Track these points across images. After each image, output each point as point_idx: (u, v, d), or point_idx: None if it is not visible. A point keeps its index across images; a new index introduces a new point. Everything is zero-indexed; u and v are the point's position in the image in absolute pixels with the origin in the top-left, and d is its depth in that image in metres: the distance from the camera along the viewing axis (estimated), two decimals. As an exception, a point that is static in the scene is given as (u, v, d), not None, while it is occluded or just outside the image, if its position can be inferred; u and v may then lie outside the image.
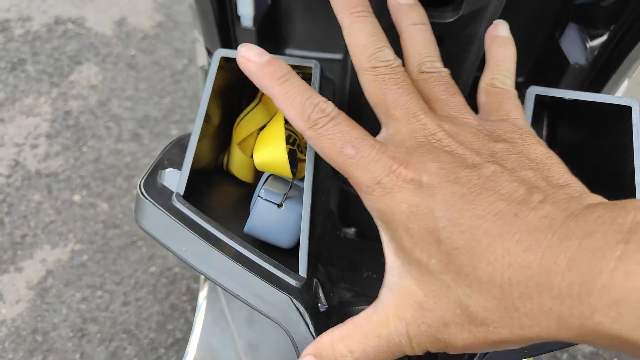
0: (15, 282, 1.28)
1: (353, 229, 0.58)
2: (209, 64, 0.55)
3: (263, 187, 0.38)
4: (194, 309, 1.26)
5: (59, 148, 1.56)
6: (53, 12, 1.98)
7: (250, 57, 0.27)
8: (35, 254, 1.33)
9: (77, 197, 1.45)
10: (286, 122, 0.42)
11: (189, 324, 1.24)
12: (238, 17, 0.47)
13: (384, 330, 0.24)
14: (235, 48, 0.51)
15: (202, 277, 0.70)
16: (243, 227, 0.37)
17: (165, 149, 0.43)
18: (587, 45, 0.44)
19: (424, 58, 0.31)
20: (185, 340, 1.21)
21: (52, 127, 1.61)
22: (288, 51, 0.58)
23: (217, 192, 0.44)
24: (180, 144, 0.46)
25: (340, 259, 0.44)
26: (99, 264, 1.32)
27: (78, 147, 1.57)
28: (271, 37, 0.55)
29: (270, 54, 0.29)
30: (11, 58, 1.80)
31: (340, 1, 0.29)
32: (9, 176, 1.48)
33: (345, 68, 0.54)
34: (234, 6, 0.46)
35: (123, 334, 1.22)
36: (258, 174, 0.51)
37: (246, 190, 0.48)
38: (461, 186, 0.22)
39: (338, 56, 0.56)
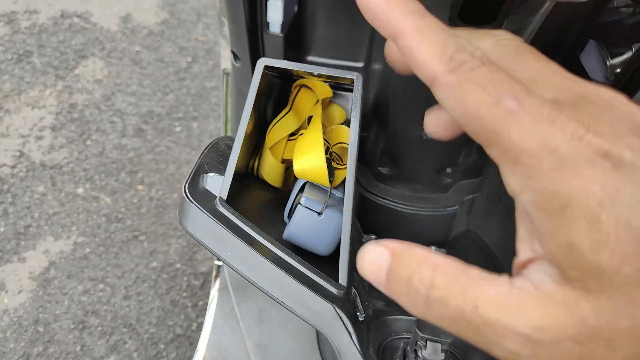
0: (17, 272, 1.30)
1: (373, 236, 0.60)
2: (233, 66, 0.57)
3: (303, 195, 0.40)
4: (194, 306, 1.28)
5: (63, 140, 1.58)
6: (59, 6, 1.99)
7: None
8: (38, 245, 1.34)
9: (80, 190, 1.47)
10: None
11: (189, 320, 1.26)
12: (267, 24, 0.49)
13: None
14: (263, 53, 0.53)
15: (213, 275, 0.72)
16: (277, 232, 0.39)
17: (203, 152, 0.45)
18: (608, 63, 0.43)
19: None
20: (185, 336, 1.24)
21: (57, 120, 1.63)
22: (310, 58, 0.60)
23: (250, 196, 0.46)
24: (217, 148, 0.48)
25: None
26: (101, 257, 1.34)
27: (82, 140, 1.58)
28: (295, 43, 0.57)
29: None
30: (17, 50, 1.82)
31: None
32: (13, 167, 1.50)
33: (367, 76, 0.56)
34: (264, 13, 0.47)
35: (124, 328, 1.24)
36: (286, 179, 0.53)
37: (276, 195, 0.50)
38: None
39: (359, 64, 0.57)
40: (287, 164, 0.51)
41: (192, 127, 1.65)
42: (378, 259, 0.20)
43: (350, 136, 0.40)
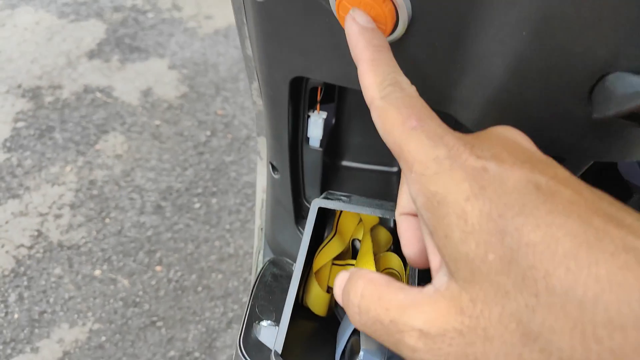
0: (30, 362, 1.25)
1: None
2: (271, 177, 0.57)
3: (362, 349, 0.38)
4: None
5: (82, 219, 1.56)
6: (83, 81, 2.04)
7: (358, 20, 0.26)
8: (53, 333, 1.30)
9: (97, 272, 1.44)
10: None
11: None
12: (307, 139, 0.49)
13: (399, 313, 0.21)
14: (302, 165, 0.53)
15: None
16: None
17: (252, 291, 0.44)
18: None
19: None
20: None
21: (77, 197, 1.62)
22: (345, 163, 0.60)
23: (300, 332, 0.44)
24: (264, 282, 0.47)
25: None
26: (117, 346, 1.29)
27: (101, 218, 1.57)
28: (331, 150, 0.57)
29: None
30: (40, 125, 1.84)
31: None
32: (30, 247, 1.48)
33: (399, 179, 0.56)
34: (305, 129, 0.48)
35: None
36: (331, 308, 0.51)
37: (321, 325, 0.49)
38: (538, 176, 0.19)
39: (394, 169, 0.58)
40: (332, 293, 0.50)
41: (211, 203, 1.64)
42: (341, 281, 0.25)
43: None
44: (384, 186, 0.58)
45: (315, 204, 0.42)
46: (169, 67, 2.15)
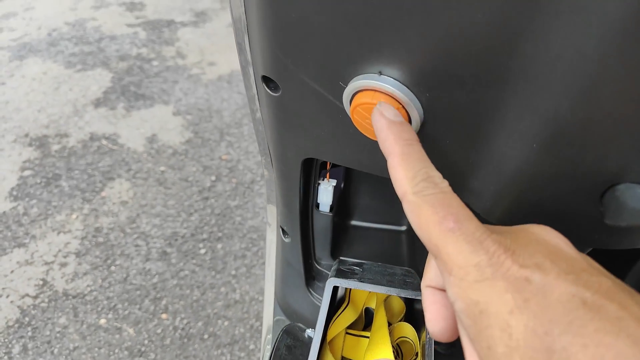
0: (34, 417, 1.22)
1: None
2: (281, 240, 0.57)
3: None
4: None
5: (87, 267, 1.56)
6: (89, 129, 2.08)
7: (385, 114, 0.25)
8: (58, 386, 1.28)
9: (103, 321, 1.42)
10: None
11: None
12: (317, 204, 0.50)
13: None
14: (313, 229, 0.54)
15: None
16: None
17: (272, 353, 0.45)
18: None
19: None
20: None
21: (82, 245, 1.62)
22: (354, 222, 0.61)
23: None
24: (279, 355, 0.47)
25: None
26: (123, 398, 1.26)
27: (107, 266, 1.57)
28: (341, 211, 0.58)
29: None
30: (46, 173, 1.86)
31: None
32: (35, 297, 1.47)
33: (413, 238, 0.57)
34: (315, 196, 0.49)
35: None
36: None
37: None
38: (582, 290, 0.19)
39: (402, 227, 0.59)
40: None
41: (217, 249, 1.64)
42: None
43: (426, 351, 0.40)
44: (393, 245, 0.59)
45: (330, 283, 0.43)
46: (173, 114, 2.20)
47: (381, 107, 0.26)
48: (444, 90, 0.24)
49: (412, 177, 0.23)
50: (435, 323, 0.26)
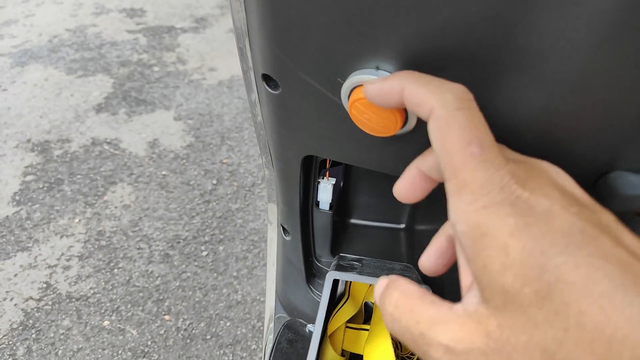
0: (39, 418, 1.23)
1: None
2: (282, 238, 0.59)
3: None
4: None
5: (90, 270, 1.58)
6: (90, 134, 2.10)
7: (375, 82, 0.25)
8: (62, 387, 1.29)
9: (106, 323, 1.44)
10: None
11: None
12: (317, 202, 0.51)
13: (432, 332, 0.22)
14: (313, 227, 0.55)
15: None
16: None
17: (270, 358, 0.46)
18: None
19: None
20: None
21: (85, 248, 1.64)
22: (353, 221, 0.62)
23: None
24: (280, 350, 0.48)
25: None
26: (127, 399, 1.28)
27: (109, 268, 1.58)
28: (340, 209, 0.59)
29: None
30: (49, 178, 1.88)
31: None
32: (39, 300, 1.49)
33: (413, 235, 0.58)
34: (315, 194, 0.50)
35: None
36: None
37: None
38: (582, 221, 0.20)
39: (401, 225, 0.60)
40: (347, 356, 0.51)
41: (219, 251, 1.66)
42: (379, 287, 0.27)
43: None
44: (391, 242, 0.59)
45: (330, 276, 0.44)
46: (174, 119, 2.22)
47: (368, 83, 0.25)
48: None
49: (435, 91, 0.22)
50: (428, 258, 0.29)
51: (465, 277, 0.24)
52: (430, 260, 0.28)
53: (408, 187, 0.28)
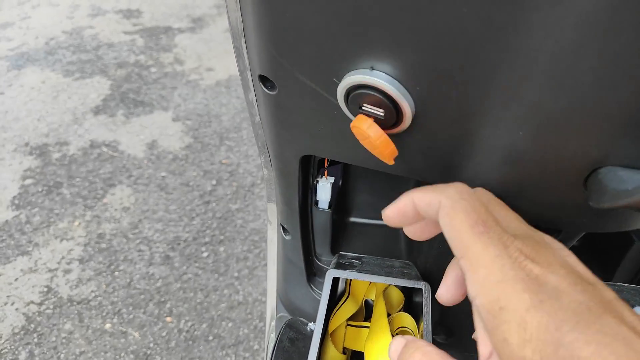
0: (42, 422, 1.23)
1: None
2: (282, 238, 0.59)
3: None
4: None
5: (91, 273, 1.57)
6: (89, 136, 2.09)
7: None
8: (65, 391, 1.29)
9: (108, 326, 1.44)
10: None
11: None
12: (316, 201, 0.52)
13: None
14: (312, 226, 0.55)
15: None
16: None
17: (271, 357, 0.46)
18: None
19: None
20: None
21: (85, 251, 1.64)
22: (353, 219, 0.62)
23: None
24: (282, 348, 0.48)
25: None
26: (130, 401, 1.27)
27: (110, 271, 1.58)
28: (339, 208, 0.59)
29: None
30: (48, 181, 1.88)
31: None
32: (40, 304, 1.48)
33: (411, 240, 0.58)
34: (314, 193, 0.50)
35: None
36: None
37: None
38: (588, 298, 0.22)
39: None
40: (348, 354, 0.51)
41: (219, 252, 1.65)
42: (396, 346, 0.29)
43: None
44: (391, 241, 0.59)
45: (330, 274, 0.44)
46: (173, 120, 2.21)
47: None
48: (433, 83, 0.25)
49: (440, 189, 0.27)
50: (447, 291, 0.31)
51: (484, 347, 0.26)
52: (449, 291, 0.30)
53: (399, 217, 0.31)
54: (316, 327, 0.41)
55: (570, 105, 0.23)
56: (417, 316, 0.48)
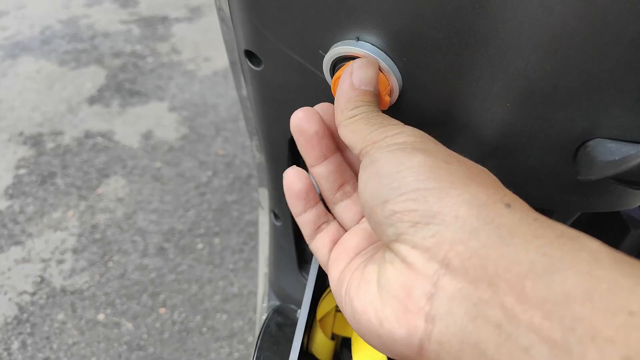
0: (34, 412, 1.22)
1: None
2: (273, 225, 0.58)
3: None
4: None
5: (84, 263, 1.56)
6: (84, 126, 2.07)
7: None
8: (57, 381, 1.28)
9: (101, 316, 1.43)
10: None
11: None
12: None
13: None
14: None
15: None
16: None
17: (257, 344, 0.45)
18: None
19: None
20: None
21: (79, 242, 1.62)
22: None
23: None
24: (269, 333, 0.47)
25: None
26: (123, 392, 1.27)
27: (104, 262, 1.57)
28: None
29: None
30: (42, 171, 1.86)
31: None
32: (33, 294, 1.47)
33: None
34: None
35: None
36: (337, 354, 0.52)
37: None
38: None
39: None
40: (337, 340, 0.51)
41: (214, 244, 1.64)
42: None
43: None
44: None
45: (317, 261, 0.43)
46: (169, 110, 2.20)
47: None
48: (419, 54, 0.25)
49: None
50: None
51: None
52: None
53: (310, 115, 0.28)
54: (302, 312, 0.41)
55: (557, 72, 0.22)
56: None
